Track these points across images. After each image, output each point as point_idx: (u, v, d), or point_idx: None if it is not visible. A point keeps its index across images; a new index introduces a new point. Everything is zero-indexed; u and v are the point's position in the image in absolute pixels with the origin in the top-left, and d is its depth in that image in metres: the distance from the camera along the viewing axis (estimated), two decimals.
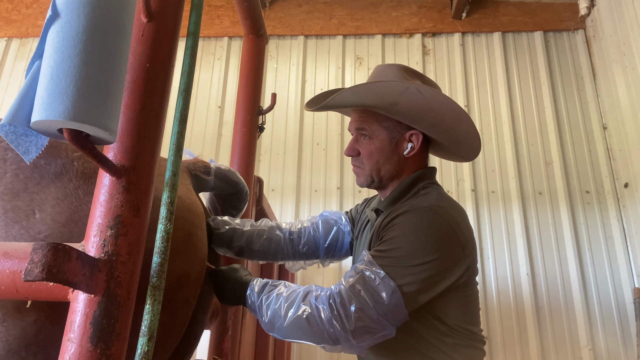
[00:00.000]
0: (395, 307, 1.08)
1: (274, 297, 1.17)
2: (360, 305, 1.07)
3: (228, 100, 3.96)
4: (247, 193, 1.61)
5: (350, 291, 1.09)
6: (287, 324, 1.12)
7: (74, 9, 0.69)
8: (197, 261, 1.17)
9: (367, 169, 1.33)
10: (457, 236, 1.18)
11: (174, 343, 1.16)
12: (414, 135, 1.31)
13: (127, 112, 0.83)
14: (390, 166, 1.31)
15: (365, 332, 1.08)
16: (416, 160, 1.34)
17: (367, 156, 1.32)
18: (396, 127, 1.31)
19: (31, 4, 4.32)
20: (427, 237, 1.16)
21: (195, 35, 0.98)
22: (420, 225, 1.17)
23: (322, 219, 1.56)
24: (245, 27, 1.97)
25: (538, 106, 3.75)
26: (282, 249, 1.50)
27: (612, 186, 3.47)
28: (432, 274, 1.12)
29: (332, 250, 1.53)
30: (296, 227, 1.54)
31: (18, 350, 0.88)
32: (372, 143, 1.31)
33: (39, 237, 0.91)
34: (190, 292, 1.15)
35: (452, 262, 1.16)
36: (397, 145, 1.31)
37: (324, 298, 1.11)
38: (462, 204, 3.48)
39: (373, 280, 1.09)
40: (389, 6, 4.12)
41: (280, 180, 3.68)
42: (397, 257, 1.12)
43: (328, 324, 1.08)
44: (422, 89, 1.24)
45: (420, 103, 1.25)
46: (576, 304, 3.21)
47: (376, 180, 1.33)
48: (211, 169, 1.45)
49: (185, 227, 1.11)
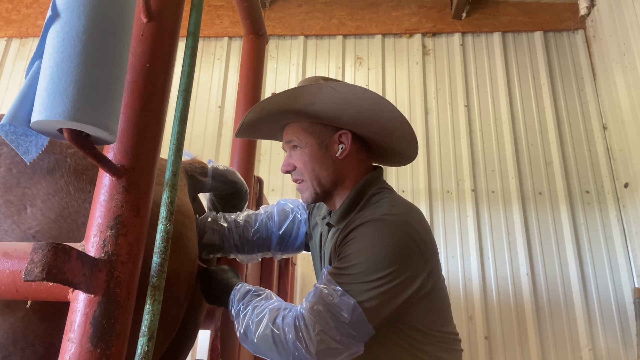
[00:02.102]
0: (358, 323, 1.06)
1: (250, 310, 1.17)
2: (322, 327, 1.06)
3: (228, 100, 3.96)
4: (247, 192, 1.60)
5: (311, 313, 1.09)
6: (256, 341, 1.13)
7: (74, 9, 0.69)
8: (186, 261, 1.18)
9: (307, 180, 1.30)
10: (416, 243, 1.15)
11: (165, 342, 1.16)
12: (343, 135, 1.29)
13: (127, 112, 0.83)
14: (327, 172, 1.28)
15: (329, 354, 1.07)
16: (354, 163, 1.31)
17: (302, 166, 1.30)
18: (322, 131, 1.29)
19: (31, 4, 4.32)
20: (383, 250, 1.12)
21: (195, 35, 0.98)
22: (375, 237, 1.14)
23: (279, 207, 1.53)
24: (245, 27, 1.97)
25: (538, 106, 3.75)
26: (227, 238, 1.46)
27: (612, 186, 3.47)
28: (392, 286, 1.10)
29: (286, 239, 1.50)
30: (247, 215, 1.51)
31: (6, 345, 0.88)
32: (304, 152, 1.29)
33: (29, 232, 0.91)
34: (180, 292, 1.15)
35: (413, 270, 1.13)
36: (327, 148, 1.29)
37: (290, 320, 1.10)
38: (462, 204, 3.51)
39: (332, 299, 1.08)
40: (389, 6, 4.12)
41: (280, 180, 3.68)
42: (355, 274, 1.10)
43: (293, 346, 1.08)
44: (335, 85, 1.22)
45: (336, 98, 1.23)
46: (576, 304, 3.21)
47: (319, 190, 1.30)
48: (208, 170, 1.44)
49: (175, 228, 1.11)
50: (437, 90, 3.87)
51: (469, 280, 3.30)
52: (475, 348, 3.16)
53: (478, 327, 3.18)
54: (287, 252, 1.54)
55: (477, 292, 3.28)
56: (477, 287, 3.29)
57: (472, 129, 3.73)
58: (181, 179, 1.32)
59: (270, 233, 1.49)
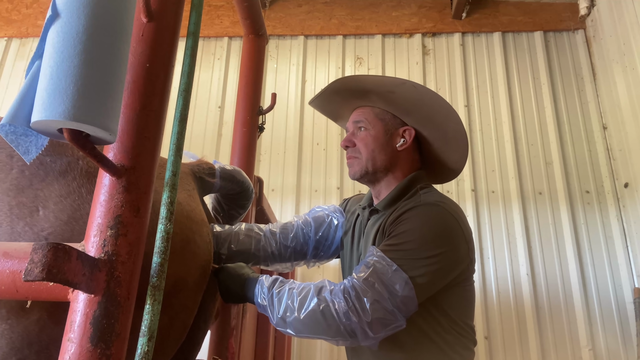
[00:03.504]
0: (408, 298, 1.11)
1: (286, 292, 1.17)
2: (376, 297, 1.10)
3: (228, 100, 3.96)
4: (253, 191, 1.60)
5: (365, 284, 1.12)
6: (302, 318, 1.12)
7: (74, 9, 0.69)
8: (194, 268, 1.16)
9: (363, 158, 1.37)
10: (462, 231, 1.24)
11: (173, 348, 1.15)
12: (407, 131, 1.38)
13: (127, 112, 0.83)
14: (384, 156, 1.36)
15: (381, 324, 1.11)
16: (408, 158, 1.39)
17: (363, 145, 1.37)
18: (391, 121, 1.39)
19: (31, 4, 4.32)
20: (436, 231, 1.21)
21: (195, 35, 0.98)
22: (429, 219, 1.22)
23: (313, 214, 1.55)
24: (245, 27, 1.97)
25: (538, 106, 3.75)
26: (263, 246, 1.45)
27: (612, 186, 3.47)
28: (441, 266, 1.17)
29: (322, 244, 1.51)
30: (281, 224, 1.52)
31: (21, 349, 0.88)
32: (369, 133, 1.38)
33: (42, 234, 0.91)
34: (188, 298, 1.14)
35: (459, 255, 1.22)
36: (391, 137, 1.38)
37: (339, 292, 1.12)
38: (462, 204, 3.51)
39: (386, 273, 1.13)
40: (389, 6, 4.12)
41: (280, 180, 3.68)
42: (408, 250, 1.16)
43: (344, 317, 1.10)
44: (417, 85, 1.36)
45: (414, 96, 1.35)
46: (576, 304, 3.21)
47: (370, 170, 1.37)
48: (216, 171, 1.44)
49: (182, 233, 1.10)
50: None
51: None
52: (475, 348, 3.15)
53: (478, 327, 3.18)
54: (321, 259, 1.56)
55: (477, 292, 3.27)
56: (477, 287, 3.29)
57: (472, 129, 3.73)
58: (189, 183, 1.30)
59: (308, 238, 1.51)
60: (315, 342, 3.24)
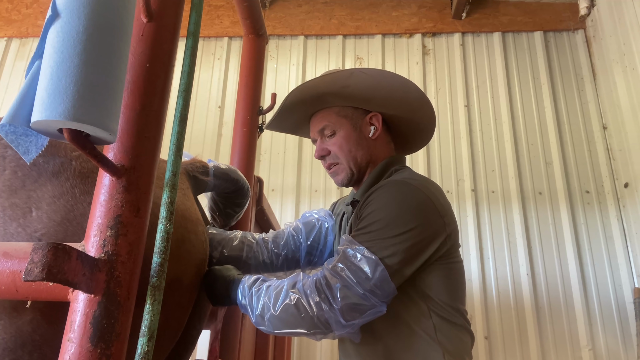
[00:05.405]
0: (382, 281, 1.07)
1: (264, 289, 1.15)
2: (345, 283, 1.07)
3: (228, 100, 3.96)
4: (249, 189, 1.60)
5: (333, 271, 1.10)
6: (277, 313, 1.10)
7: (74, 9, 0.69)
8: (190, 267, 1.16)
9: (343, 162, 1.34)
10: (434, 204, 1.17)
11: (168, 346, 1.15)
12: (374, 117, 1.36)
13: (127, 112, 0.83)
14: (362, 151, 1.34)
15: (353, 310, 1.07)
16: (383, 145, 1.37)
17: (338, 149, 1.34)
18: (354, 114, 1.36)
19: (31, 4, 4.32)
20: (403, 207, 1.15)
21: (195, 35, 0.98)
22: (395, 196, 1.17)
23: (304, 220, 1.53)
24: (245, 27, 1.97)
25: (538, 106, 3.75)
26: (254, 254, 1.45)
27: (612, 186, 3.47)
28: (413, 243, 1.11)
29: (315, 249, 1.50)
30: (273, 232, 1.52)
31: (14, 349, 0.88)
32: (339, 135, 1.34)
33: (35, 235, 0.91)
34: (183, 297, 1.14)
35: (432, 230, 1.15)
36: (361, 130, 1.35)
37: (311, 283, 1.10)
38: (462, 204, 3.51)
39: (355, 257, 1.09)
40: (389, 6, 4.12)
41: (280, 180, 3.68)
42: (376, 231, 1.12)
43: (316, 306, 1.07)
44: (365, 70, 1.32)
45: (368, 82, 1.32)
46: (576, 304, 3.21)
47: (355, 171, 1.34)
48: (210, 169, 1.44)
49: (177, 232, 1.10)
50: (437, 90, 3.87)
51: (469, 280, 3.30)
52: (475, 348, 3.15)
53: (478, 327, 3.18)
54: (316, 265, 1.53)
55: (477, 292, 3.28)
56: (477, 287, 3.29)
57: (472, 129, 3.73)
58: (184, 182, 1.30)
59: (299, 244, 1.49)
60: (315, 342, 3.24)
